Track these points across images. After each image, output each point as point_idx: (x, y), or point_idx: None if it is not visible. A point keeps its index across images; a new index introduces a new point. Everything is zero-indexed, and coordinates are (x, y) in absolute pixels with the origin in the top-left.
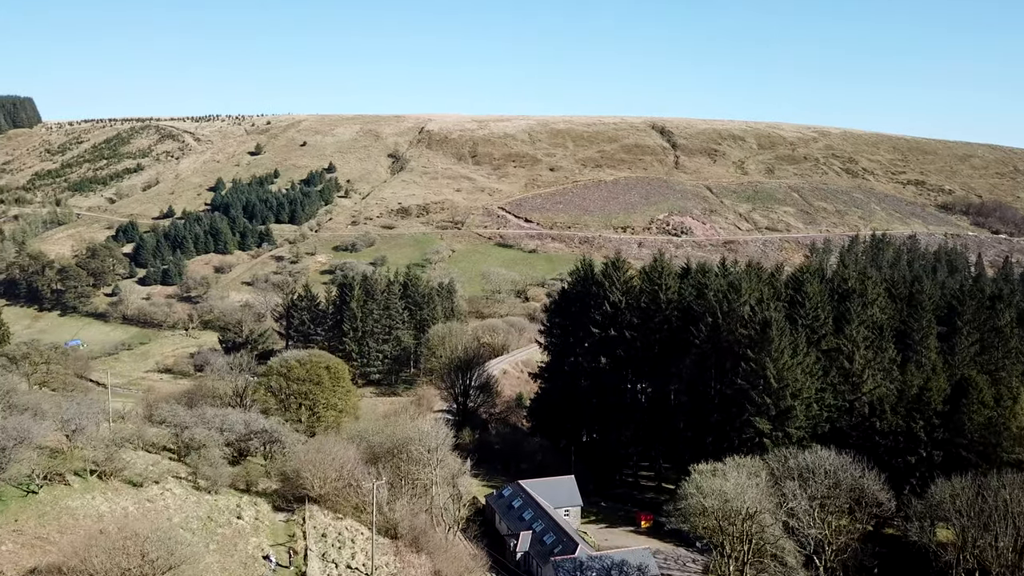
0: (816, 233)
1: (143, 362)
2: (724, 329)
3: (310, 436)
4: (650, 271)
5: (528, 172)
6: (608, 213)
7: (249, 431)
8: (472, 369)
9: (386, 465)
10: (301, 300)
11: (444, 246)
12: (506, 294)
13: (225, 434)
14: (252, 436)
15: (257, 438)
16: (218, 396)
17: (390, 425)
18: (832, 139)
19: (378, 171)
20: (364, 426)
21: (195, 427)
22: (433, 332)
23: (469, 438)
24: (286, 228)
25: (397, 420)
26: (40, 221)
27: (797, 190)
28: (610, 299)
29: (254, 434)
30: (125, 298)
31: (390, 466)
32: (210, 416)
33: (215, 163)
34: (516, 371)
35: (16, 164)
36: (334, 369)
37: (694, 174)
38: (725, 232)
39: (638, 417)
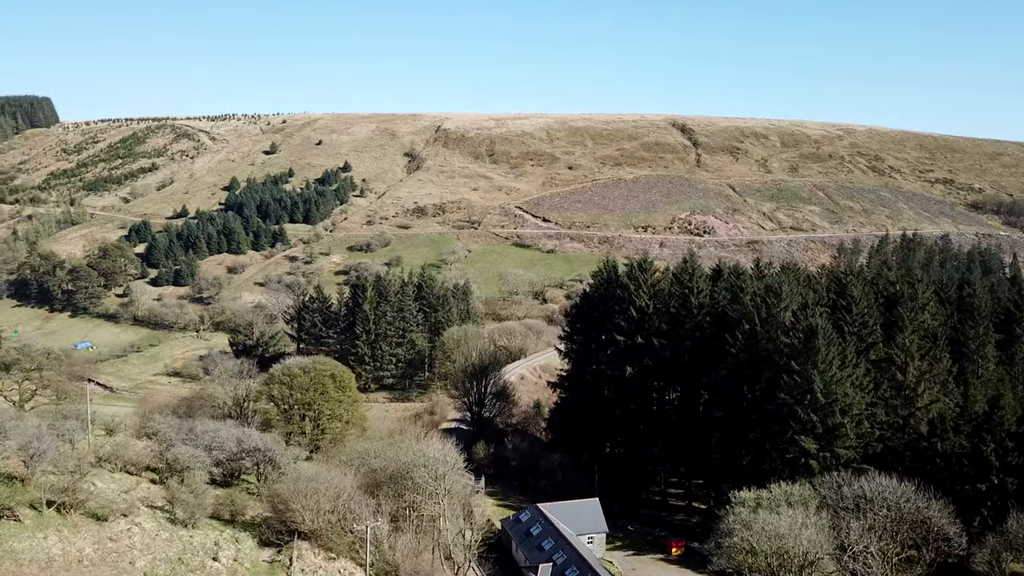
0: (843, 233)
1: (152, 365)
2: (763, 337)
3: (313, 450)
4: (679, 273)
5: (546, 171)
6: (628, 212)
7: (241, 449)
8: (488, 376)
9: (388, 494)
10: (312, 302)
11: (460, 246)
12: (523, 295)
13: (214, 453)
14: (244, 455)
15: (249, 457)
16: (217, 405)
17: (393, 446)
18: (857, 137)
19: (394, 170)
20: (365, 447)
21: (180, 445)
22: (448, 335)
23: (484, 452)
24: (300, 228)
25: (402, 440)
26: (54, 221)
27: (822, 189)
28: (636, 303)
29: (246, 453)
30: (136, 299)
31: (393, 494)
32: (200, 431)
33: (230, 162)
34: (534, 377)
35: (32, 164)
36: (339, 377)
37: (716, 172)
38: (749, 232)
39: (667, 431)
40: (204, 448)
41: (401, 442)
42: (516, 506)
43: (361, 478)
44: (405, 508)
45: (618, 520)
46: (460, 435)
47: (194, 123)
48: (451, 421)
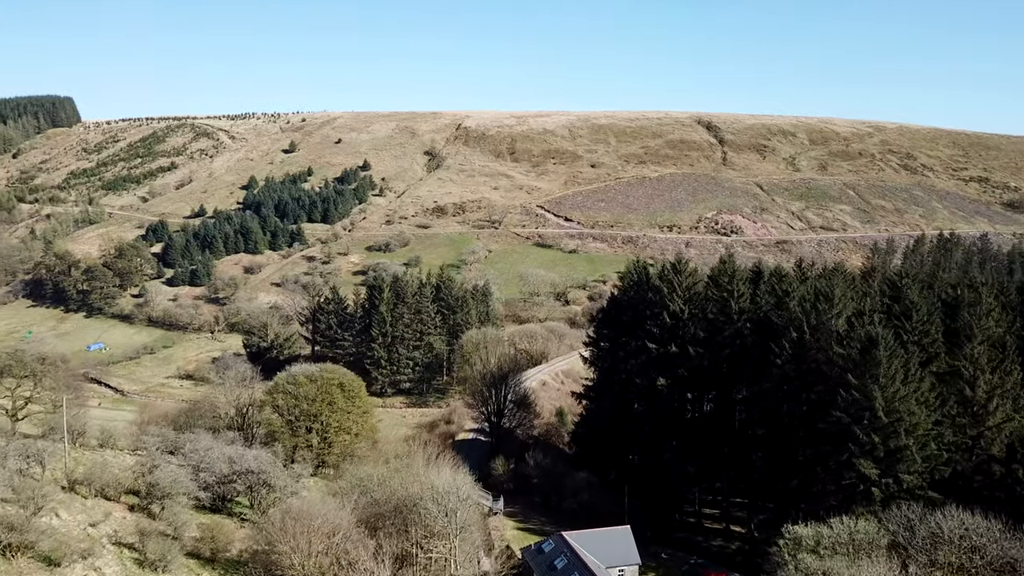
0: (875, 233)
1: (165, 367)
2: (812, 347)
3: (319, 465)
4: (717, 275)
5: (568, 169)
6: (653, 211)
7: (232, 471)
8: (507, 384)
9: (392, 531)
10: (328, 303)
11: (480, 246)
12: (545, 297)
13: (202, 475)
14: (236, 477)
15: (241, 480)
16: (219, 415)
17: (398, 473)
18: (888, 134)
19: (414, 169)
20: (367, 472)
21: (164, 466)
22: (467, 338)
23: (503, 469)
24: (318, 227)
25: (409, 463)
26: (71, 220)
27: (853, 187)
28: (670, 308)
29: (238, 475)
30: (151, 299)
31: (397, 531)
32: (188, 450)
33: (249, 161)
34: (556, 383)
35: (53, 163)
36: (348, 387)
37: (743, 171)
38: (777, 231)
39: (703, 448)
40: (192, 469)
41: (408, 466)
42: (538, 529)
43: (360, 511)
44: (412, 547)
45: (650, 546)
46: (478, 448)
47: (214, 122)
48: (468, 432)
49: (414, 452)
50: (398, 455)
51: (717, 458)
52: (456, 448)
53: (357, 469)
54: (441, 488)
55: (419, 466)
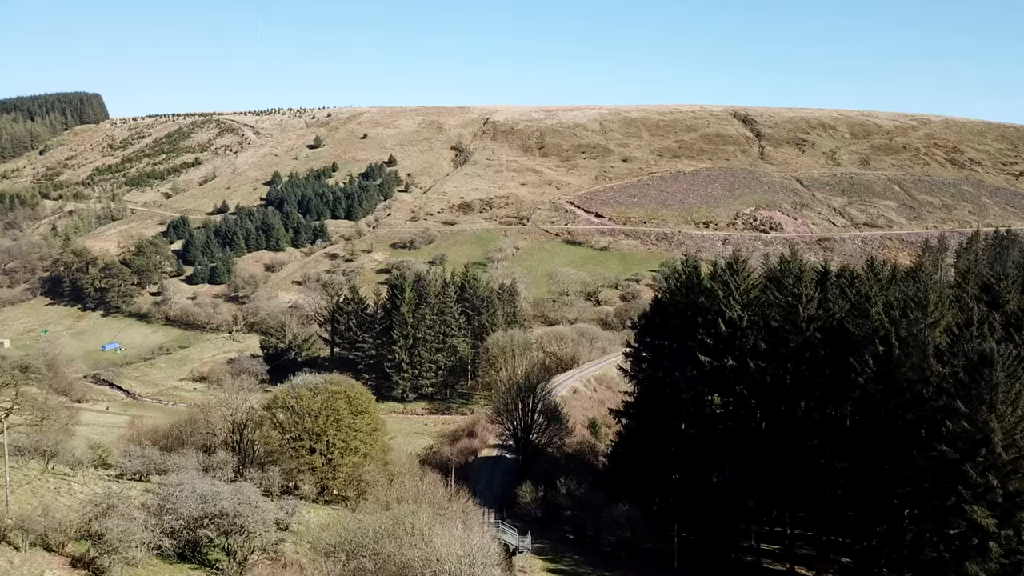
0: (922, 230)
1: (180, 368)
2: (903, 363)
3: (321, 491)
4: (780, 276)
5: (599, 164)
6: (688, 207)
7: (203, 514)
8: (535, 395)
9: None
10: (347, 303)
11: (508, 243)
12: (575, 296)
13: (167, 518)
14: (207, 521)
15: (214, 524)
16: (213, 432)
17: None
18: (933, 127)
19: (440, 164)
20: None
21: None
22: (492, 341)
23: (531, 497)
24: (342, 224)
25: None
26: (93, 217)
27: (897, 182)
28: (726, 315)
29: (210, 519)
30: (169, 298)
31: None
32: (157, 484)
33: (273, 156)
34: (588, 390)
35: (79, 159)
36: (356, 401)
37: (781, 165)
38: (819, 228)
39: (766, 478)
40: (154, 513)
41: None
42: (572, 572)
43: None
44: None
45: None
46: (503, 467)
47: (239, 118)
48: (492, 447)
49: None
50: (440, 435)
51: (782, 491)
52: (479, 467)
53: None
54: (452, 560)
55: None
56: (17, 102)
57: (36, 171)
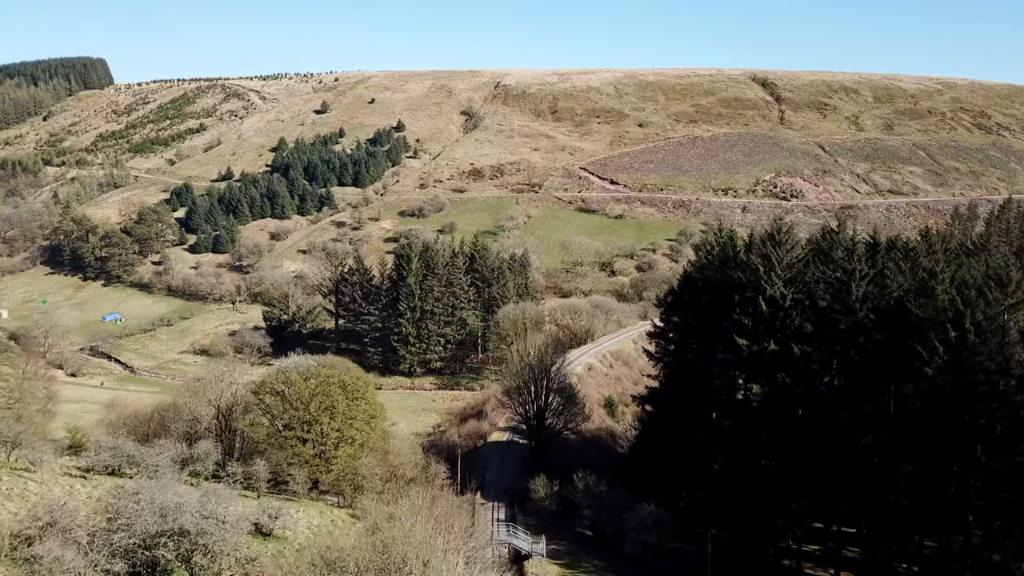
0: (948, 197)
1: (181, 341)
2: (979, 351)
3: (312, 486)
4: (828, 248)
5: (614, 129)
6: (706, 173)
7: (160, 531)
8: (549, 377)
9: None
10: (352, 273)
11: (519, 211)
12: (589, 267)
13: (117, 536)
14: (166, 539)
15: (173, 542)
16: (196, 418)
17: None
18: (959, 91)
19: (450, 129)
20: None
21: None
22: (503, 314)
23: (545, 491)
24: (349, 191)
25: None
26: (96, 184)
27: (923, 148)
28: (767, 292)
29: (169, 536)
30: (171, 267)
31: None
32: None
33: (279, 122)
34: (604, 366)
35: (82, 126)
36: (352, 386)
37: (802, 130)
38: (841, 195)
39: (809, 478)
40: (103, 530)
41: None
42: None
43: None
44: None
45: None
46: (513, 453)
47: (245, 83)
48: (503, 430)
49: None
50: (448, 413)
51: (828, 492)
52: (488, 454)
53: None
54: None
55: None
56: (20, 67)
57: (39, 137)
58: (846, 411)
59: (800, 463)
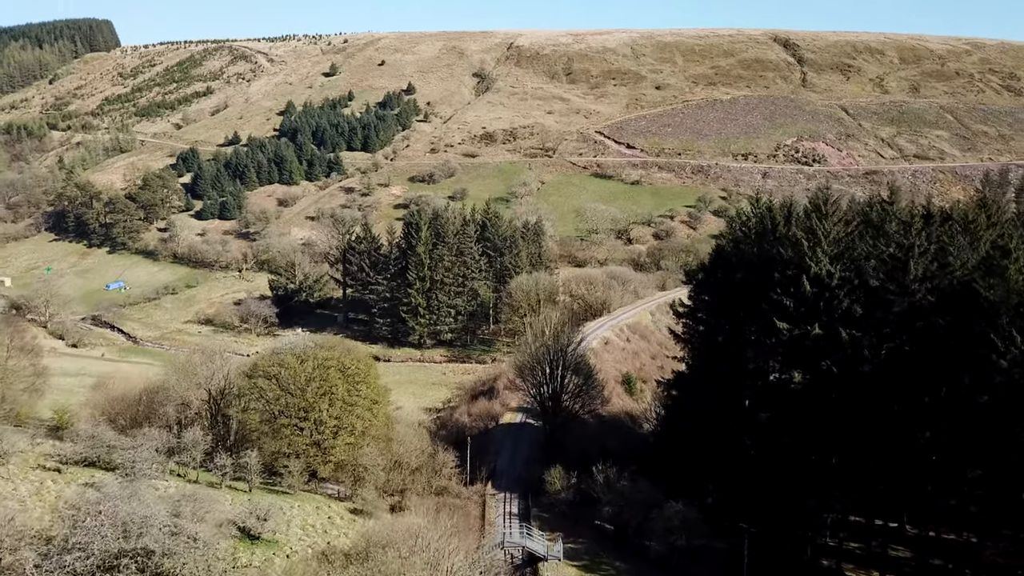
0: (976, 162)
1: (185, 310)
2: None
3: (310, 477)
4: (880, 220)
5: (630, 91)
6: (725, 138)
7: (121, 550)
8: (566, 357)
9: None
10: (359, 242)
11: (532, 177)
12: (604, 234)
13: (72, 558)
14: (128, 559)
15: (135, 563)
16: (186, 403)
17: None
18: (988, 52)
19: (461, 92)
20: None
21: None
22: (516, 284)
23: (562, 484)
24: (358, 156)
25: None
26: (101, 148)
27: (950, 111)
28: (811, 271)
29: (129, 556)
30: (177, 234)
31: None
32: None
33: (287, 85)
34: (621, 340)
35: (88, 89)
36: (352, 370)
37: (825, 93)
38: (865, 160)
39: (858, 476)
40: (57, 549)
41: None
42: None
43: None
44: None
45: None
46: (527, 437)
47: (253, 45)
48: (515, 411)
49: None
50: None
51: (876, 491)
52: (500, 437)
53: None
54: None
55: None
56: (25, 29)
57: (45, 101)
58: (899, 404)
59: (845, 458)
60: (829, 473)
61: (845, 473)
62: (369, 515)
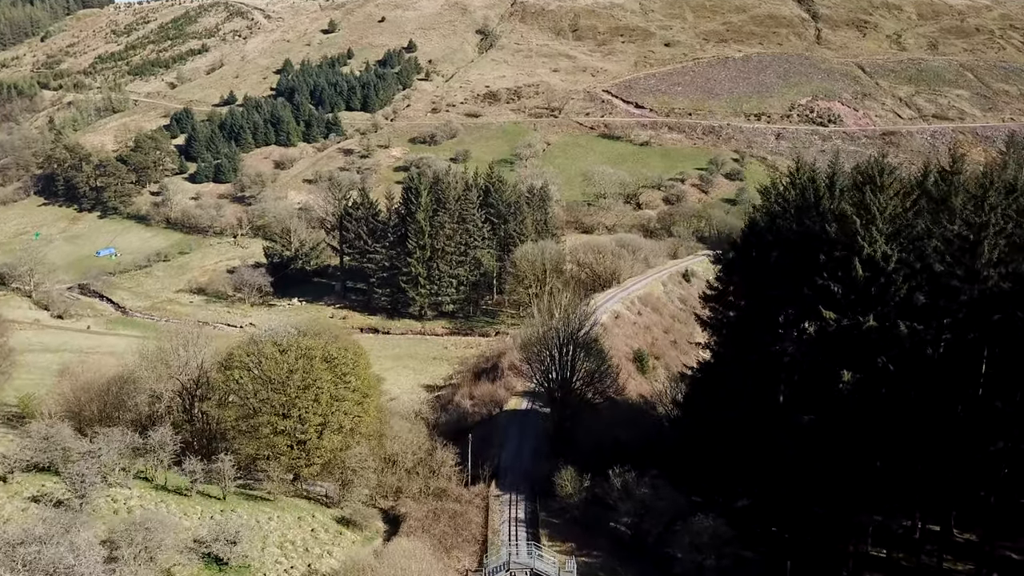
0: (997, 122)
1: (178, 278)
2: None
3: (295, 479)
4: (940, 192)
5: (639, 48)
6: (737, 97)
7: None
8: (577, 341)
9: None
10: (356, 208)
11: (537, 138)
12: (612, 199)
13: None
14: None
15: None
16: (157, 395)
17: None
18: (1009, 7)
19: (464, 49)
20: None
21: None
22: (521, 253)
23: (573, 487)
24: (357, 116)
25: None
26: (93, 108)
27: (971, 69)
28: (863, 252)
29: None
30: (170, 198)
31: None
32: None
33: (284, 42)
34: (632, 314)
35: (80, 47)
36: (340, 361)
37: (840, 50)
38: (882, 121)
39: (916, 489)
40: None
41: None
42: None
43: None
44: None
45: None
46: (533, 425)
47: (250, 0)
48: (521, 395)
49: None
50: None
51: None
52: (504, 426)
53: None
54: None
55: None
56: None
57: (36, 59)
58: (968, 409)
59: (895, 462)
60: (876, 478)
61: (893, 478)
62: (358, 526)
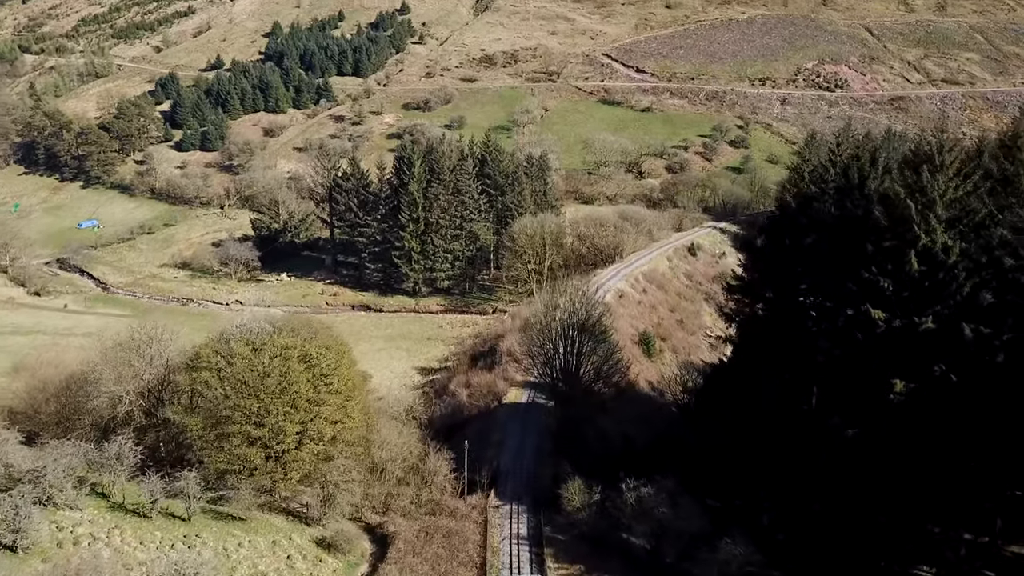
0: (1009, 87)
1: (162, 251)
2: None
3: (270, 491)
4: (999, 168)
5: (639, 10)
6: (741, 61)
7: None
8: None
9: None
10: (346, 179)
11: (535, 103)
12: (614, 167)
13: None
14: None
15: None
16: (117, 399)
17: None
18: None
19: (459, 11)
20: None
21: None
22: (519, 227)
23: (581, 500)
24: (349, 82)
25: None
26: (76, 73)
27: (981, 31)
28: (919, 243)
29: None
30: (155, 167)
31: None
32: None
33: (273, 4)
34: (636, 292)
35: (63, 8)
36: (319, 361)
37: (847, 12)
38: (890, 85)
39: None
40: None
41: None
42: None
43: None
44: None
45: None
46: (537, 423)
47: None
48: (521, 386)
49: None
50: None
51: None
52: (504, 421)
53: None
54: None
55: None
56: None
57: (17, 22)
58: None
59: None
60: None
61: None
62: (341, 550)
